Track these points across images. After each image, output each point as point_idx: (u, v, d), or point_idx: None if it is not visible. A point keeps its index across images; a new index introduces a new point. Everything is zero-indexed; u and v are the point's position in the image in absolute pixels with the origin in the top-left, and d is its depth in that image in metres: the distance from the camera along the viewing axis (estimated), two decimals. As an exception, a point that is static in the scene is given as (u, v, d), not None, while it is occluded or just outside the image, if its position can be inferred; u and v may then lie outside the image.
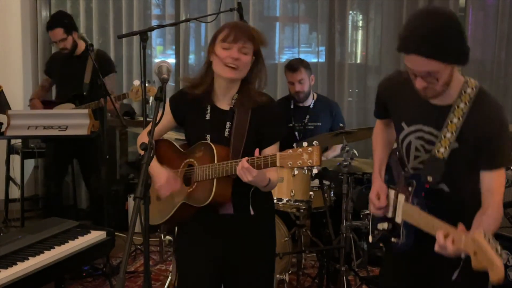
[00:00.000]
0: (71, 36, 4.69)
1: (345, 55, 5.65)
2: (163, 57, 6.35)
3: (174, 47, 6.11)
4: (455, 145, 2.18)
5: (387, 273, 2.66)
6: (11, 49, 6.07)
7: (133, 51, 6.02)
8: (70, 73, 4.76)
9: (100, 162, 4.38)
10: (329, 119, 4.72)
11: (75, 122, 4.27)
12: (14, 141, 5.56)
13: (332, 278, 3.97)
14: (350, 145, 4.05)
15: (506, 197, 3.52)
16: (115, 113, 4.52)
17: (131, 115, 5.80)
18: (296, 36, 5.80)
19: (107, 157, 4.29)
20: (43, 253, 2.71)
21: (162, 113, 2.08)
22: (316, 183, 4.19)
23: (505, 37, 5.21)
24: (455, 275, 2.25)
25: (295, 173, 3.89)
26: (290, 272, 4.00)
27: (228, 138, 2.49)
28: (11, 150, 5.59)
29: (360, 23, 5.87)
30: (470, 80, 2.20)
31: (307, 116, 4.67)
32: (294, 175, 3.90)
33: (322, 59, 5.74)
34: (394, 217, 2.39)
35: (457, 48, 2.04)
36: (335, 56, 5.64)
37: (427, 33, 2.01)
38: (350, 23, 5.70)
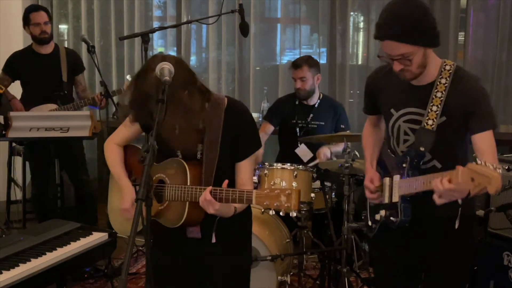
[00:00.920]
0: (51, 24, 4.72)
1: (346, 56, 5.65)
2: (164, 58, 6.35)
3: (175, 48, 6.11)
4: (443, 119, 2.35)
5: (382, 275, 2.73)
6: (13, 50, 6.05)
7: (135, 52, 6.02)
8: (44, 72, 4.72)
9: (84, 160, 4.37)
10: (332, 120, 4.72)
11: (77, 123, 4.28)
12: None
13: (333, 279, 3.97)
14: (351, 146, 4.05)
15: (506, 199, 3.53)
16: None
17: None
18: (297, 37, 5.81)
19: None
20: (45, 254, 2.71)
21: (164, 115, 2.06)
22: (317, 184, 4.19)
23: (506, 37, 5.22)
24: (457, 224, 2.38)
25: (296, 173, 3.90)
26: (291, 273, 4.01)
27: (200, 157, 2.40)
28: (12, 151, 5.58)
29: (361, 25, 5.87)
30: (447, 60, 2.41)
31: (311, 114, 4.67)
32: (295, 176, 3.90)
33: (323, 61, 5.74)
34: (390, 201, 2.47)
35: (425, 31, 2.26)
36: (336, 57, 5.64)
37: (397, 20, 2.24)
38: (351, 24, 5.72)
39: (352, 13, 5.71)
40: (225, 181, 2.28)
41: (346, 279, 3.83)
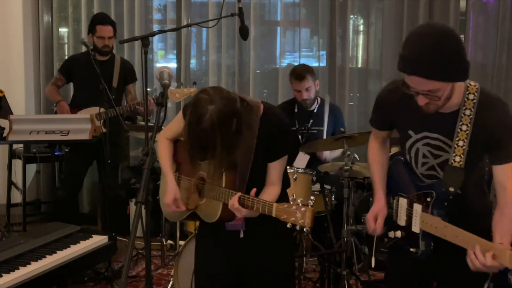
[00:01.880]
0: (115, 38, 4.82)
1: (346, 59, 5.66)
2: (164, 61, 6.36)
3: (175, 51, 6.12)
4: (466, 153, 2.24)
5: (394, 278, 2.68)
6: (13, 54, 6.08)
7: (135, 56, 6.03)
8: (97, 77, 4.76)
9: (103, 166, 4.38)
10: (332, 123, 4.74)
11: (77, 127, 4.28)
12: (16, 146, 5.57)
13: (333, 282, 3.97)
14: (351, 149, 4.05)
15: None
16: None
17: (133, 119, 5.81)
18: (297, 40, 5.82)
19: (109, 161, 4.29)
20: (45, 257, 2.71)
21: (164, 118, 2.08)
22: (317, 187, 4.20)
23: (505, 40, 5.23)
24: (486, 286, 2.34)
25: (295, 176, 3.91)
26: (291, 276, 4.01)
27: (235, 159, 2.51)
28: (13, 155, 5.60)
29: (361, 28, 5.88)
30: (470, 85, 2.24)
31: (311, 120, 4.69)
32: (295, 179, 3.91)
33: (323, 64, 5.76)
34: (408, 225, 2.40)
35: (456, 66, 2.07)
36: (336, 60, 5.65)
37: (425, 54, 2.04)
38: (351, 27, 5.72)
39: (351, 16, 5.72)
40: (253, 190, 2.39)
41: (346, 282, 3.83)
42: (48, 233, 3.01)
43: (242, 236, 2.58)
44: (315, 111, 4.71)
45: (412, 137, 2.38)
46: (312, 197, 4.02)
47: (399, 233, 2.45)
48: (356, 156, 4.31)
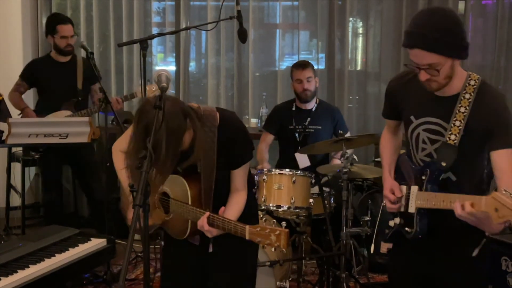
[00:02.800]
0: (76, 36, 4.76)
1: (345, 62, 5.67)
2: (163, 64, 6.36)
3: (174, 54, 6.12)
4: (463, 133, 2.32)
5: (397, 265, 2.71)
6: (12, 57, 6.08)
7: (134, 58, 6.03)
8: (60, 79, 4.75)
9: (96, 168, 4.38)
10: (330, 123, 4.75)
11: (76, 130, 4.28)
12: (15, 149, 5.56)
13: (332, 285, 3.97)
14: (350, 151, 4.05)
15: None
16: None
17: (131, 122, 5.80)
18: (296, 43, 5.82)
19: (108, 164, 4.29)
20: (44, 260, 2.71)
21: (161, 121, 2.08)
22: (316, 190, 4.19)
23: (504, 43, 5.23)
24: (476, 251, 2.35)
25: (294, 179, 3.91)
26: (290, 279, 4.00)
27: (197, 172, 2.48)
28: (12, 158, 5.59)
29: (360, 30, 5.88)
30: (472, 73, 2.38)
31: (308, 119, 4.71)
32: (294, 182, 3.91)
33: (322, 66, 5.76)
34: (406, 210, 2.47)
35: (455, 43, 2.24)
36: (335, 63, 5.66)
37: (428, 29, 2.21)
38: (350, 30, 5.73)
39: (350, 19, 5.73)
40: (221, 208, 2.40)
41: (345, 285, 3.83)
42: (47, 236, 3.01)
43: (211, 250, 2.57)
44: (313, 110, 4.72)
45: (413, 122, 2.48)
46: (311, 200, 4.02)
47: (397, 220, 2.52)
48: (355, 157, 4.30)
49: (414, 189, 2.44)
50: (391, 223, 2.56)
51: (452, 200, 2.18)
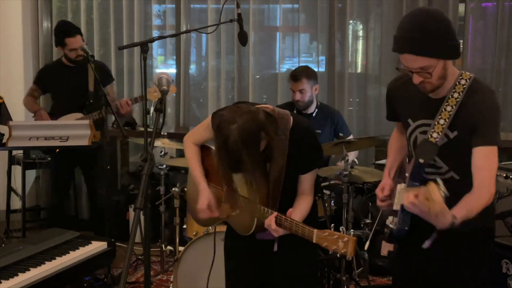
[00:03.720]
0: (85, 42, 4.78)
1: (345, 64, 5.66)
2: (164, 67, 6.37)
3: (175, 57, 6.13)
4: (455, 133, 2.31)
5: (398, 266, 2.72)
6: (13, 60, 6.09)
7: (134, 61, 6.04)
8: (72, 83, 4.77)
9: (102, 172, 4.38)
10: (330, 127, 4.74)
11: (76, 132, 4.28)
12: (15, 152, 5.57)
13: (333, 287, 3.97)
14: (350, 154, 4.05)
15: (506, 206, 3.53)
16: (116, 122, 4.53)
17: (132, 125, 5.81)
18: (296, 45, 5.82)
19: (108, 167, 4.29)
20: (44, 264, 2.71)
21: (162, 124, 2.08)
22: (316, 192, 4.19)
23: (504, 45, 5.23)
24: (427, 243, 2.27)
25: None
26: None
27: (268, 173, 2.51)
28: (12, 161, 5.60)
29: (360, 33, 5.88)
30: (465, 72, 2.36)
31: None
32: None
33: (322, 69, 5.76)
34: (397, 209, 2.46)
35: (444, 43, 2.21)
36: (335, 65, 5.65)
37: (415, 32, 2.19)
38: (350, 32, 5.72)
39: (351, 22, 5.73)
40: (289, 210, 2.42)
41: (345, 287, 3.83)
42: (47, 239, 3.01)
43: (276, 249, 2.58)
44: (314, 114, 4.71)
45: (410, 125, 2.47)
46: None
47: (391, 219, 2.50)
48: (355, 160, 4.31)
49: (400, 186, 2.45)
50: (388, 221, 2.55)
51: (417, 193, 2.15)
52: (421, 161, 2.32)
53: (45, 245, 2.92)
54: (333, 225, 2.19)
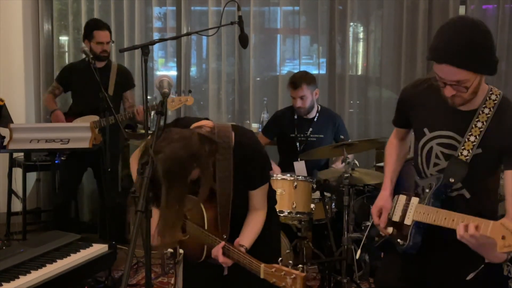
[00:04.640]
0: (112, 42, 4.82)
1: (346, 66, 5.67)
2: (165, 69, 6.37)
3: (176, 59, 6.13)
4: (478, 151, 2.22)
5: (388, 274, 2.61)
6: (13, 63, 6.09)
7: (135, 64, 6.04)
8: (91, 85, 4.76)
9: (112, 175, 4.38)
10: (332, 131, 4.74)
11: (77, 135, 4.28)
12: (16, 155, 5.57)
13: (334, 290, 3.97)
14: (351, 157, 4.05)
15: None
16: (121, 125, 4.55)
17: (133, 128, 5.81)
18: (297, 48, 5.82)
19: (109, 170, 4.29)
20: (45, 266, 2.71)
21: (164, 126, 2.08)
22: (317, 195, 4.19)
23: (505, 47, 5.23)
24: (472, 275, 2.21)
25: (295, 184, 3.91)
26: (292, 284, 4.00)
27: (214, 195, 2.42)
28: (13, 163, 5.60)
29: (360, 35, 5.89)
30: (493, 88, 2.28)
31: (310, 128, 4.68)
32: (295, 187, 3.91)
33: (323, 71, 5.76)
34: (401, 221, 2.39)
35: (487, 58, 2.12)
36: (336, 67, 5.66)
37: (460, 44, 2.07)
38: (351, 35, 5.73)
39: (351, 24, 5.73)
40: (236, 241, 2.36)
41: (346, 290, 3.83)
42: (48, 242, 3.00)
43: (226, 273, 2.52)
44: (315, 119, 4.70)
45: (426, 135, 2.37)
46: (312, 205, 4.02)
47: (390, 230, 2.43)
48: (356, 162, 4.30)
49: (414, 200, 2.36)
50: (386, 232, 2.49)
51: (455, 218, 2.08)
52: (452, 180, 2.24)
53: (46, 247, 2.91)
54: (280, 259, 2.12)
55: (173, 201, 2.13)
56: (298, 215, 3.95)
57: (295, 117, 4.72)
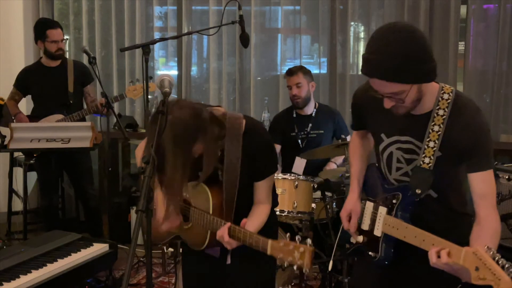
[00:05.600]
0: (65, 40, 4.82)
1: (347, 66, 5.67)
2: (165, 69, 6.37)
3: (176, 59, 6.13)
4: (439, 154, 2.14)
5: (362, 282, 2.55)
6: (14, 63, 6.08)
7: (136, 63, 6.04)
8: (52, 84, 4.77)
9: (91, 174, 4.37)
10: (331, 126, 4.76)
11: (78, 134, 4.29)
12: (17, 154, 5.57)
13: (335, 289, 3.96)
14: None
15: (508, 208, 3.52)
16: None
17: (134, 127, 5.81)
18: (298, 47, 5.82)
19: (110, 169, 4.29)
20: (46, 266, 2.71)
21: (164, 125, 2.07)
22: (318, 194, 4.19)
23: (506, 47, 5.22)
24: None
25: (296, 184, 3.90)
26: (293, 284, 4.00)
27: (221, 181, 2.40)
28: (14, 162, 5.59)
29: (361, 35, 5.88)
30: (445, 86, 2.18)
31: (310, 124, 4.71)
32: (296, 187, 3.90)
33: (324, 70, 5.76)
34: (371, 230, 2.32)
35: (415, 67, 1.98)
36: (336, 67, 5.65)
37: (385, 56, 1.96)
38: (351, 34, 5.73)
39: (352, 23, 5.73)
40: (243, 221, 2.30)
41: (347, 290, 3.82)
42: (49, 241, 3.01)
43: (229, 262, 2.51)
44: (313, 115, 4.73)
45: (384, 140, 2.30)
46: (313, 205, 4.02)
47: (360, 238, 2.35)
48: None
49: (382, 210, 2.27)
50: (353, 240, 2.42)
51: (425, 239, 2.00)
52: (418, 192, 2.16)
53: (46, 247, 2.92)
54: (288, 234, 2.07)
55: (176, 165, 2.10)
56: (299, 215, 3.95)
57: (294, 115, 4.74)
